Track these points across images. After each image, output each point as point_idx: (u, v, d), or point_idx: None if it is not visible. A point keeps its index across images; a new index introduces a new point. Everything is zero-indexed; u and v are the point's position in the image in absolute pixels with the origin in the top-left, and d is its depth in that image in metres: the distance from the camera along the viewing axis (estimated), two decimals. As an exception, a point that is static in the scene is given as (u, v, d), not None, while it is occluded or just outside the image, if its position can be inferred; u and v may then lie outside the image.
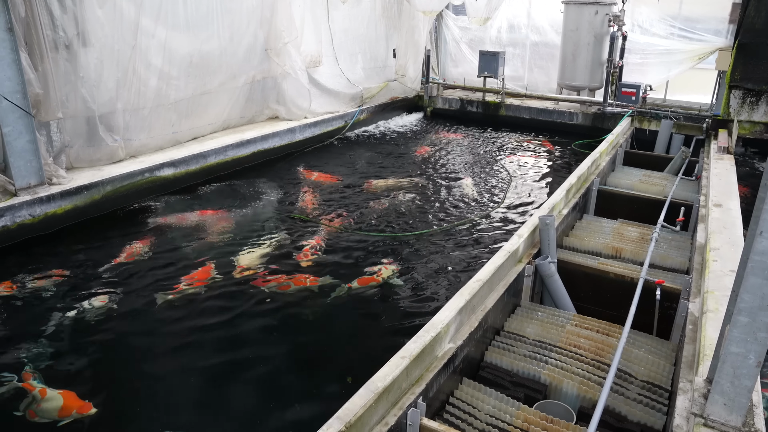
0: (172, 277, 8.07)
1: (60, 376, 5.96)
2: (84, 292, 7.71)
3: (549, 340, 5.37)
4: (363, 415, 3.29)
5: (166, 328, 6.86)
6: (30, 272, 8.21)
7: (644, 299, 5.78)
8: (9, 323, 7.00)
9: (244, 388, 5.77)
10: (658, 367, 5.14)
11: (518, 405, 4.40)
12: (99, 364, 6.23)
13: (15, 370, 5.99)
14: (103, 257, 8.79)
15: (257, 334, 6.70)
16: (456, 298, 4.53)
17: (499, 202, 11.13)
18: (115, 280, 8.05)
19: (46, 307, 7.38)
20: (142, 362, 6.27)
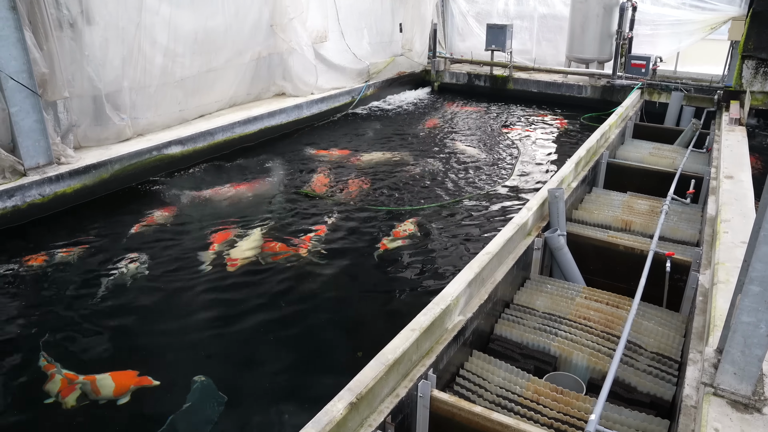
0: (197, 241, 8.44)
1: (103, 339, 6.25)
2: (113, 258, 7.97)
3: (559, 313, 5.38)
4: (374, 386, 3.31)
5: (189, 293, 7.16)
6: (56, 246, 8.36)
7: (654, 271, 5.76)
8: (49, 291, 7.26)
9: (256, 360, 5.84)
10: (667, 339, 5.14)
11: (528, 377, 4.42)
12: (137, 324, 6.51)
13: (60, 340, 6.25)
14: (123, 228, 8.95)
15: (264, 308, 6.75)
16: (465, 271, 4.53)
17: (507, 176, 11.07)
18: (141, 246, 8.30)
19: (83, 274, 7.63)
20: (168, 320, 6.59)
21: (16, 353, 6.05)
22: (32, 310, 6.84)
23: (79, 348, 6.18)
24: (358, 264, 7.72)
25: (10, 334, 6.36)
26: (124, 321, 6.56)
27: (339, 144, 13.16)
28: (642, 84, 14.59)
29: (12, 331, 6.42)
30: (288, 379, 5.61)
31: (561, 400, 4.19)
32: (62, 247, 8.39)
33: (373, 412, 3.39)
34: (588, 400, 4.22)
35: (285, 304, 6.81)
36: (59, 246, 8.41)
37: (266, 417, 5.15)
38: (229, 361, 5.92)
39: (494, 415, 3.56)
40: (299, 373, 5.70)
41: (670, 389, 4.57)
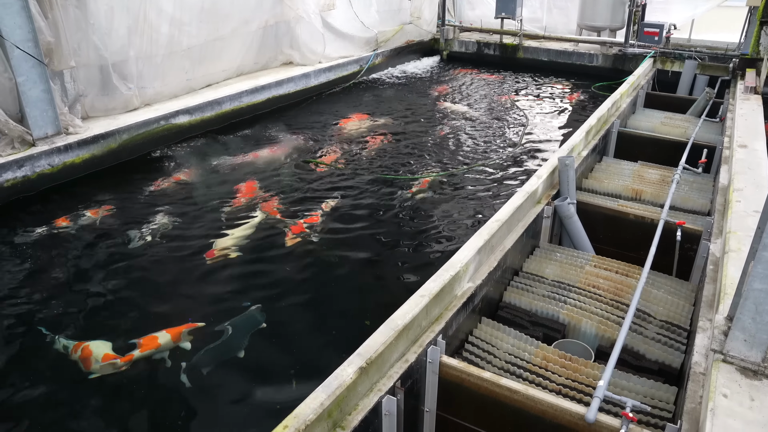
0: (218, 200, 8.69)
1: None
2: (134, 220, 8.20)
3: (568, 281, 5.37)
4: (383, 351, 3.33)
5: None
6: (72, 211, 8.54)
7: (664, 241, 5.73)
8: (77, 250, 7.53)
9: (267, 327, 5.91)
10: (677, 307, 5.14)
11: (537, 344, 4.44)
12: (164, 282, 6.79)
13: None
14: (138, 194, 9.06)
15: (272, 277, 6.80)
16: (475, 238, 4.52)
17: (516, 144, 10.99)
18: (156, 211, 8.47)
19: (105, 237, 7.83)
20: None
21: (56, 317, 6.24)
22: (62, 274, 7.03)
23: (116, 308, 6.42)
24: (366, 233, 7.72)
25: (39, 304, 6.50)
26: (154, 279, 6.86)
27: (347, 113, 13.07)
28: (655, 52, 14.33)
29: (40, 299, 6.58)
30: (298, 345, 5.67)
31: (569, 366, 4.20)
32: (82, 210, 8.60)
33: (382, 377, 3.42)
34: (596, 367, 4.23)
35: (295, 272, 6.84)
36: (77, 211, 8.54)
37: (276, 383, 5.22)
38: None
39: (503, 380, 3.58)
40: (308, 339, 5.75)
41: (679, 357, 4.58)
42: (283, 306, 6.26)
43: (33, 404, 5.09)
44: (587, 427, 3.43)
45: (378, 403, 3.27)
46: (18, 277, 7.01)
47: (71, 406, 5.11)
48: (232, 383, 5.28)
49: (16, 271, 7.16)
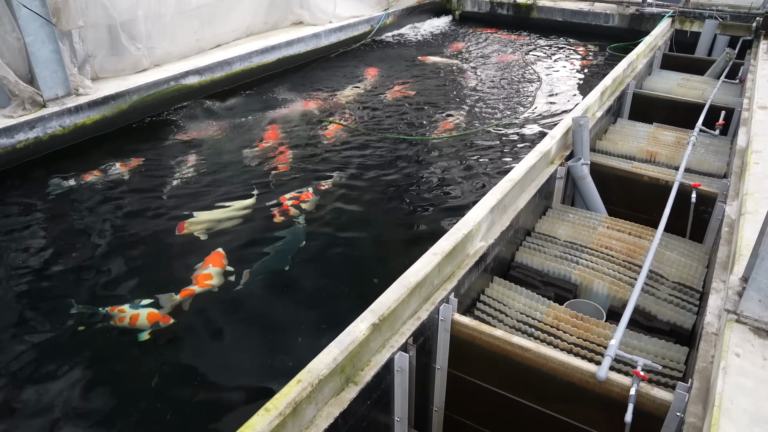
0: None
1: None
2: (160, 174, 8.46)
3: (580, 242, 5.34)
4: (396, 308, 3.34)
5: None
6: (87, 171, 8.66)
7: (678, 203, 5.67)
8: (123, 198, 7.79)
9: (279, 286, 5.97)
10: (690, 269, 5.10)
11: (549, 303, 4.44)
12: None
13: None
14: (155, 151, 9.12)
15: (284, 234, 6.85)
16: (488, 197, 4.48)
17: (529, 105, 10.85)
18: (175, 167, 8.68)
19: (149, 181, 8.17)
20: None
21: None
22: (92, 228, 7.25)
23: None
24: (379, 193, 7.71)
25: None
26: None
27: (357, 73, 12.92)
28: (673, 12, 13.96)
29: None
30: (311, 303, 5.72)
31: (581, 326, 4.21)
32: (110, 165, 8.84)
33: (395, 334, 3.43)
34: (608, 327, 4.23)
35: (309, 232, 6.87)
36: (92, 170, 8.66)
37: (289, 340, 5.28)
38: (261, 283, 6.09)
39: (515, 338, 3.58)
40: (322, 298, 5.80)
41: (691, 318, 4.57)
42: (297, 263, 6.30)
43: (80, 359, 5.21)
44: (598, 385, 3.45)
45: (390, 360, 3.29)
46: (50, 234, 7.11)
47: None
48: (245, 341, 5.36)
49: (44, 228, 7.25)
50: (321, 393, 2.93)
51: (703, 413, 3.08)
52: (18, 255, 6.66)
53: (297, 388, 2.81)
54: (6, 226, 7.26)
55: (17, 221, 7.41)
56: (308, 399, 2.84)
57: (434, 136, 9.38)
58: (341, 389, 3.07)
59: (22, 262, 6.52)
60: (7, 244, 6.87)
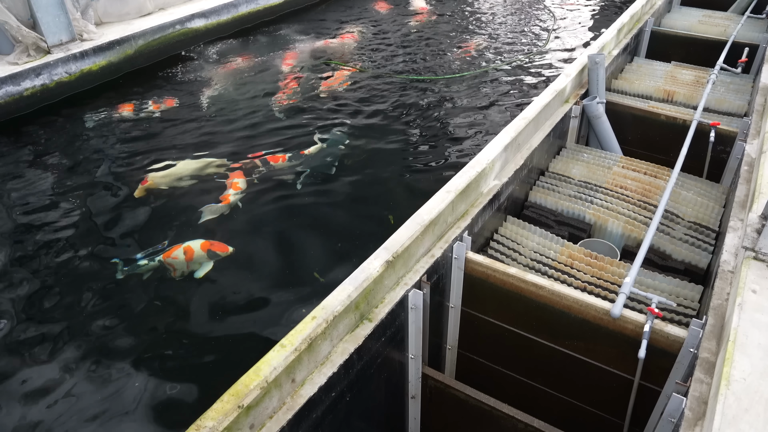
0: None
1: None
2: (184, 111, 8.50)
3: (594, 181, 5.26)
4: (410, 246, 3.31)
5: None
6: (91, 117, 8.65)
7: (696, 143, 5.54)
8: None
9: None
10: (706, 209, 5.03)
11: (562, 242, 4.40)
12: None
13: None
14: (170, 93, 9.01)
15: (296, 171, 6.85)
16: (501, 135, 4.39)
17: (543, 43, 10.56)
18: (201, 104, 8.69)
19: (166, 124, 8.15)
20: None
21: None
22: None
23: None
24: (391, 133, 7.62)
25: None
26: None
27: (366, 13, 12.57)
28: (695, -55, 13.33)
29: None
30: (325, 242, 5.73)
31: (595, 265, 4.18)
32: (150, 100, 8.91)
33: (408, 272, 3.42)
34: (622, 266, 4.20)
35: (319, 173, 6.84)
36: (100, 112, 8.69)
37: (304, 277, 5.32)
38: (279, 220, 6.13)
39: (529, 276, 3.56)
40: (335, 237, 5.80)
41: (706, 257, 4.53)
42: (311, 202, 6.30)
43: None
44: (612, 322, 3.44)
45: (404, 297, 3.29)
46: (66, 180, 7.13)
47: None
48: (260, 281, 5.39)
49: (58, 175, 7.26)
50: (336, 329, 2.94)
51: (716, 349, 3.07)
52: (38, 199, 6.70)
53: (312, 325, 2.82)
54: (18, 173, 7.27)
55: (31, 169, 7.41)
56: (323, 335, 2.84)
57: (446, 75, 9.17)
58: (356, 326, 3.08)
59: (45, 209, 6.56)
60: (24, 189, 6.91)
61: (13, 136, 8.17)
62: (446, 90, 8.73)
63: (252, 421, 2.57)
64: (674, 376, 3.30)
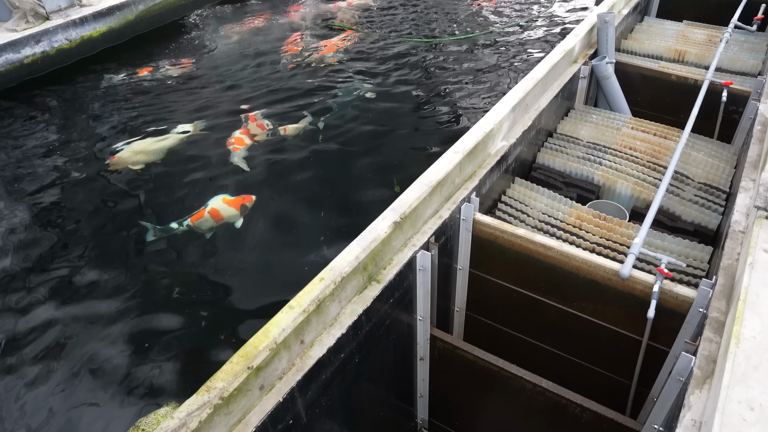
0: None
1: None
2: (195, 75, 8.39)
3: (603, 143, 5.19)
4: (417, 207, 3.28)
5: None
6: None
7: (707, 103, 5.44)
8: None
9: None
10: (717, 170, 4.97)
11: (571, 204, 4.36)
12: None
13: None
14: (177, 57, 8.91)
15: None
16: (509, 96, 4.31)
17: (550, 4, 10.34)
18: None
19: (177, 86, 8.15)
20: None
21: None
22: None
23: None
24: (396, 96, 7.53)
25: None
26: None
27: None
28: None
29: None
30: (332, 203, 5.72)
31: (604, 226, 4.14)
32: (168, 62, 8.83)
33: (416, 233, 3.39)
34: (631, 227, 4.17)
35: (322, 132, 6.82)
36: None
37: (312, 239, 5.32)
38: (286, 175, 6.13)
39: (537, 237, 3.53)
40: (340, 199, 5.78)
41: (716, 218, 4.48)
42: (316, 166, 6.27)
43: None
44: (621, 282, 3.42)
45: (412, 258, 3.27)
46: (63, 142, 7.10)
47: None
48: (267, 244, 5.39)
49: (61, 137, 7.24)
50: (344, 291, 2.93)
51: (726, 308, 3.05)
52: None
53: (320, 286, 2.81)
54: (29, 143, 7.25)
55: (39, 138, 7.38)
56: (331, 296, 2.84)
57: (452, 37, 9.01)
58: (364, 287, 3.07)
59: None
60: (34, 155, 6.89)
61: (18, 105, 8.12)
62: (452, 52, 8.59)
63: (262, 382, 2.58)
64: (683, 335, 3.29)
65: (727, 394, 2.29)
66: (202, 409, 2.31)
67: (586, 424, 3.42)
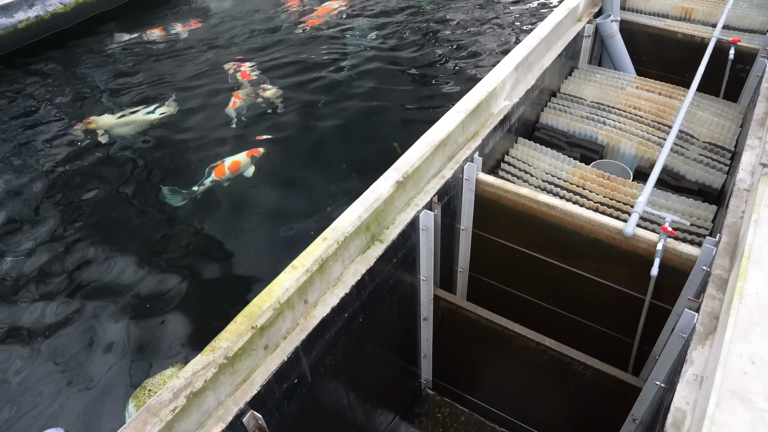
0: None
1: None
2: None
3: (607, 102, 5.12)
4: (420, 166, 3.25)
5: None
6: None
7: (714, 61, 5.35)
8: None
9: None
10: (722, 129, 4.91)
11: (575, 163, 4.33)
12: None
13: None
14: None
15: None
16: (512, 54, 4.23)
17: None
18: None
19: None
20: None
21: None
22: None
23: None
24: (398, 55, 7.42)
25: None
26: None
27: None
28: None
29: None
30: (331, 167, 5.69)
31: (607, 185, 4.12)
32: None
33: (419, 192, 3.37)
34: (635, 186, 4.14)
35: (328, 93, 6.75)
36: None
37: (317, 199, 5.31)
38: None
39: (541, 196, 3.51)
40: (342, 162, 5.75)
41: (721, 177, 4.45)
42: (316, 126, 6.22)
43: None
44: (624, 241, 3.41)
45: (415, 218, 3.26)
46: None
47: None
48: (269, 206, 5.38)
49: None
50: (347, 250, 2.92)
51: (730, 266, 3.05)
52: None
53: (323, 246, 2.80)
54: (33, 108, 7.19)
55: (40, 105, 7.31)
56: (334, 256, 2.83)
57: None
58: (367, 247, 3.07)
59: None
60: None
61: (15, 72, 8.03)
62: (455, 10, 8.43)
63: (266, 342, 2.59)
64: (686, 293, 3.29)
65: (729, 348, 2.29)
66: (207, 368, 2.32)
67: (589, 381, 3.45)
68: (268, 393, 2.55)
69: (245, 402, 2.42)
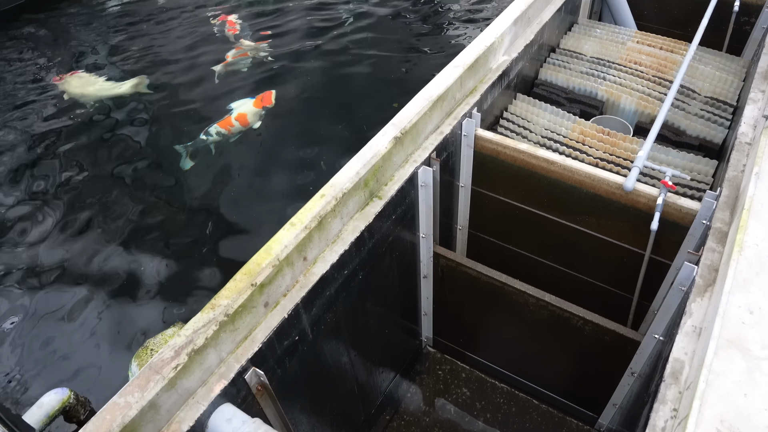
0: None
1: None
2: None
3: (607, 57, 5.04)
4: (418, 122, 3.21)
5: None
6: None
7: (717, 15, 5.23)
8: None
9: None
10: (725, 83, 4.84)
11: (574, 119, 4.28)
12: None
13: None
14: None
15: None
16: (511, 8, 4.14)
17: None
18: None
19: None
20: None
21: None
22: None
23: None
24: (399, 14, 7.29)
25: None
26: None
27: None
28: None
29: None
30: (330, 126, 5.64)
31: (607, 141, 4.08)
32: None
33: (417, 149, 3.34)
34: (635, 141, 4.10)
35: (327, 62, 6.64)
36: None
37: (314, 156, 5.27)
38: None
39: (540, 151, 3.48)
40: (338, 122, 5.69)
41: (722, 132, 4.41)
42: (316, 84, 6.15)
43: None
44: (624, 196, 3.39)
45: (414, 174, 3.23)
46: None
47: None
48: (266, 165, 5.35)
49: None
50: (345, 207, 2.90)
51: (730, 219, 3.04)
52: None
53: (321, 202, 2.78)
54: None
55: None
56: (333, 213, 2.82)
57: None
58: (366, 204, 3.05)
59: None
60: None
61: (3, 34, 7.89)
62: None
63: (266, 299, 2.59)
64: (686, 247, 3.29)
65: (728, 299, 2.30)
66: (207, 326, 2.33)
67: (588, 336, 3.47)
68: (270, 350, 2.56)
69: (247, 359, 2.43)
